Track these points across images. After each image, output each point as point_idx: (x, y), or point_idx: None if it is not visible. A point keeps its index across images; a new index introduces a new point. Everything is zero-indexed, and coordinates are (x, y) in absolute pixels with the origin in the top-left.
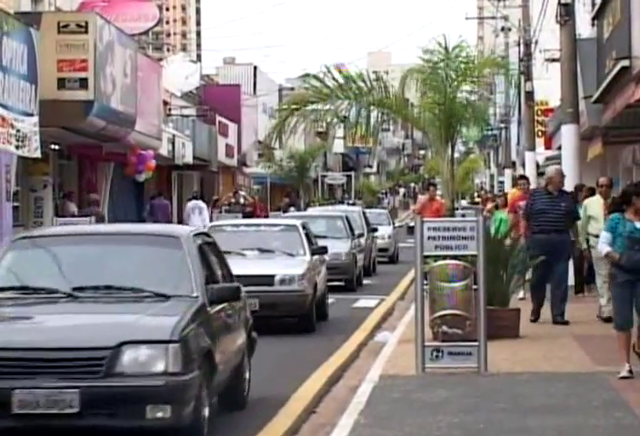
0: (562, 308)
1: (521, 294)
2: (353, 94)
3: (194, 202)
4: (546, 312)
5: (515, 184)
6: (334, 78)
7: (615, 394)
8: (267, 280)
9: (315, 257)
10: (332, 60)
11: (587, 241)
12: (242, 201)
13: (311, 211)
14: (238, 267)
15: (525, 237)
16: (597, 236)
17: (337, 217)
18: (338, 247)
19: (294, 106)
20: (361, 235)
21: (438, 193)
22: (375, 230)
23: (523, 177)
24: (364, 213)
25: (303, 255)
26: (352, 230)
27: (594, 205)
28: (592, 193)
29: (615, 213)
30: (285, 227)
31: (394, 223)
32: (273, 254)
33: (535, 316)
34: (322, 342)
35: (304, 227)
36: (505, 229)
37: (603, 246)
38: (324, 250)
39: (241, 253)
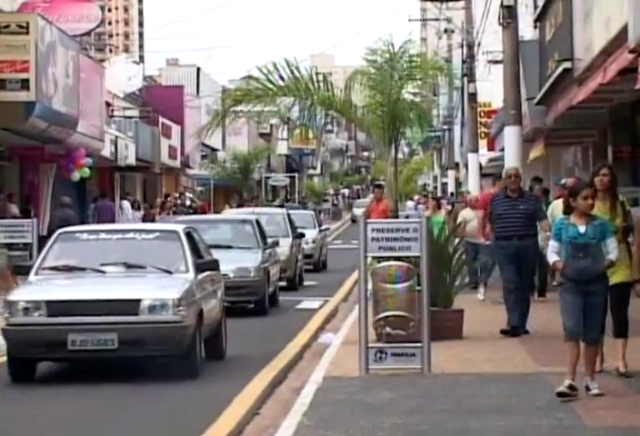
0: (521, 321)
1: (481, 295)
2: (299, 92)
3: (122, 201)
4: (500, 316)
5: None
6: (280, 75)
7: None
8: (130, 307)
9: (205, 274)
10: (277, 60)
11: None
12: (187, 202)
13: (220, 214)
14: (91, 289)
15: (489, 240)
16: None
17: (245, 222)
18: (245, 260)
19: (239, 98)
20: (275, 243)
21: None
22: (302, 235)
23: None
24: (288, 216)
25: (184, 272)
26: (264, 237)
27: (558, 208)
28: (546, 192)
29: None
30: (162, 234)
31: (320, 226)
32: (143, 271)
33: (512, 330)
34: (265, 344)
35: (189, 234)
36: (442, 232)
37: (550, 255)
38: (213, 264)
39: (99, 270)
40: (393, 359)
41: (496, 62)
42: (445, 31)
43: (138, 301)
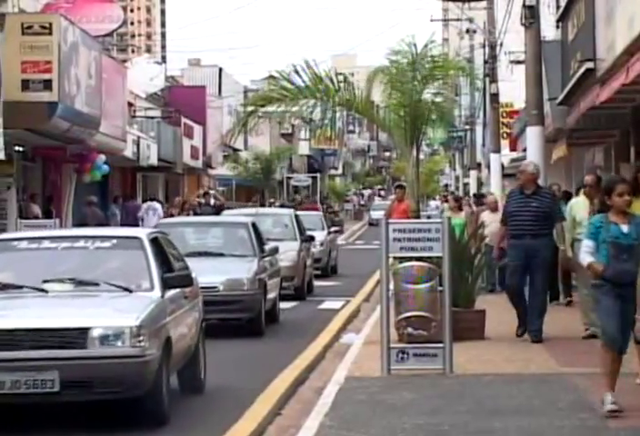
0: (538, 324)
1: None
2: (320, 93)
3: (148, 203)
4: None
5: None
6: (300, 77)
7: (580, 395)
8: (76, 337)
9: (174, 292)
10: (296, 60)
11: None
12: (212, 202)
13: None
14: (26, 315)
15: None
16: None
17: (239, 225)
18: (238, 270)
19: (260, 102)
20: (274, 251)
21: None
22: (312, 238)
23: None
24: (296, 217)
25: (148, 290)
26: (261, 243)
27: (578, 207)
28: (567, 195)
29: (601, 213)
30: (120, 242)
31: (328, 228)
32: (95, 290)
33: (522, 330)
34: (287, 344)
35: (156, 241)
36: (463, 234)
37: (584, 256)
38: (186, 280)
39: (39, 289)
40: (415, 359)
41: (518, 62)
42: (467, 31)
43: (86, 329)
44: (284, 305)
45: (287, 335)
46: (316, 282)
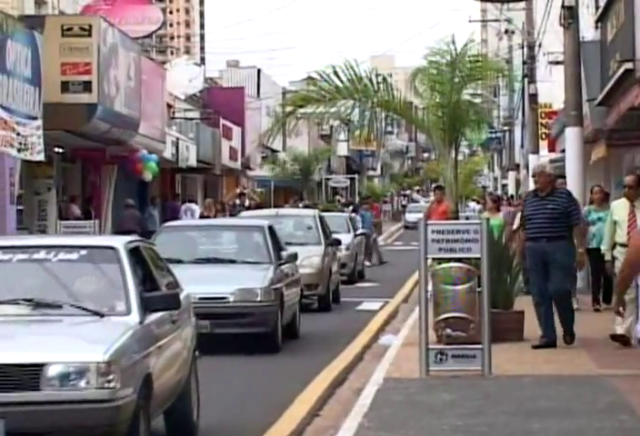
0: (569, 326)
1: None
2: (358, 94)
3: (187, 204)
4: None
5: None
6: (339, 77)
7: (619, 397)
8: (28, 376)
9: (157, 316)
10: (336, 62)
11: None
12: (247, 203)
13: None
14: None
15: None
16: (623, 245)
17: (254, 228)
18: (251, 279)
19: (299, 103)
20: (293, 258)
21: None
22: (338, 242)
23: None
24: (321, 219)
25: (123, 314)
26: (278, 249)
27: (619, 208)
28: (606, 196)
29: None
30: (91, 253)
31: (355, 230)
32: (57, 314)
33: (545, 341)
34: (326, 345)
35: (136, 252)
36: (502, 234)
37: None
38: (171, 300)
39: None
40: (453, 360)
41: (557, 63)
42: (506, 32)
43: (40, 366)
44: None
45: (325, 336)
46: (357, 284)
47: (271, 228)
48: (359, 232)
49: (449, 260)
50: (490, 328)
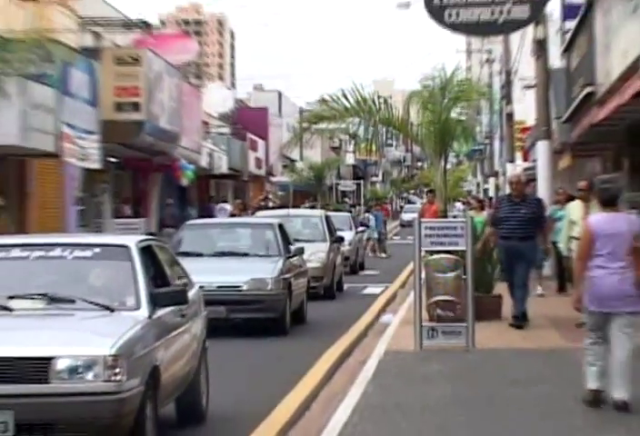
0: (521, 309)
1: (539, 290)
2: (363, 113)
3: (220, 204)
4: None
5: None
6: (347, 99)
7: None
8: (36, 369)
9: (166, 311)
10: (344, 85)
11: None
12: (270, 204)
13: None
14: None
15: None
16: (578, 239)
17: (265, 226)
18: (262, 270)
19: (313, 120)
20: (300, 251)
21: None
22: (342, 240)
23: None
24: (327, 219)
25: (133, 309)
26: (287, 243)
27: (574, 209)
28: (571, 198)
29: None
30: (104, 251)
31: (356, 227)
32: (69, 308)
33: (517, 322)
34: (334, 323)
35: (148, 250)
36: (483, 230)
37: None
38: (179, 297)
39: (3, 307)
40: (443, 336)
41: (530, 87)
42: (487, 60)
43: (49, 359)
44: None
45: (334, 315)
46: (360, 272)
47: (280, 226)
48: (360, 229)
49: (439, 252)
50: (474, 309)
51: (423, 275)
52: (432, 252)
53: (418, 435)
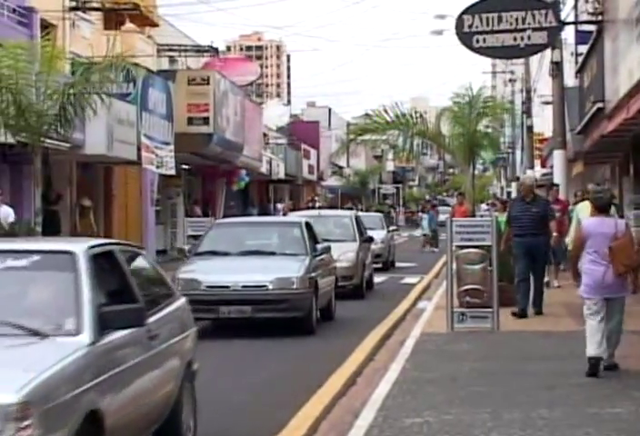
0: (539, 303)
1: (555, 283)
2: (402, 126)
3: (275, 204)
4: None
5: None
6: (388, 114)
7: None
8: None
9: (122, 334)
10: (385, 102)
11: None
12: (317, 205)
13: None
14: None
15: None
16: None
17: (292, 224)
18: (288, 269)
19: (358, 132)
20: (327, 249)
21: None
22: (371, 239)
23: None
24: (357, 219)
25: (71, 334)
26: (315, 242)
27: (582, 210)
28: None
29: None
30: (42, 260)
31: (388, 227)
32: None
33: (521, 313)
34: (376, 309)
35: (102, 257)
36: (506, 228)
37: None
38: (132, 317)
39: None
40: (471, 320)
41: (547, 103)
42: (510, 80)
43: None
44: (376, 279)
45: (378, 299)
46: (399, 264)
47: (308, 224)
48: (392, 228)
49: (468, 247)
50: (498, 296)
51: (454, 267)
52: (462, 247)
53: (449, 404)
